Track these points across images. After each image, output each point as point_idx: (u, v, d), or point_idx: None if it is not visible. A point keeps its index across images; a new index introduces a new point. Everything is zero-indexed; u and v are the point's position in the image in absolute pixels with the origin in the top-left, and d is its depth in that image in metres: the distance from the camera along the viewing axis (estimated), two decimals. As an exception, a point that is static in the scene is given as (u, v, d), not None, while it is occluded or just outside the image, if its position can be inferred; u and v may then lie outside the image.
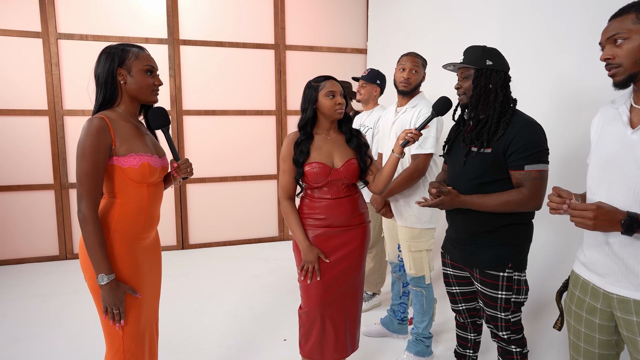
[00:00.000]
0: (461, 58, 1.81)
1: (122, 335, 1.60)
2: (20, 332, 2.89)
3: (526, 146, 1.63)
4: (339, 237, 1.97)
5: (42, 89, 4.15)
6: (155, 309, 1.78)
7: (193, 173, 1.67)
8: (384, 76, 3.10)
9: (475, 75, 1.74)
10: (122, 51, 1.58)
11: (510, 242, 1.73)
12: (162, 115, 1.63)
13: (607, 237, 1.30)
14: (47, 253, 4.34)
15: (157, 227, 1.74)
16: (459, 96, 1.83)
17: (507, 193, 1.66)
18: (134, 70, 1.57)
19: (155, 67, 1.62)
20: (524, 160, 1.64)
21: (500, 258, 1.73)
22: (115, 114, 1.57)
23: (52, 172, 4.26)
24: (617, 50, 1.26)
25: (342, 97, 1.94)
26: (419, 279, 2.48)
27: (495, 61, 1.74)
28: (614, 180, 1.29)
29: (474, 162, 1.74)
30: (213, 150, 4.73)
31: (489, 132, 1.70)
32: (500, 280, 1.74)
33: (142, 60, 1.58)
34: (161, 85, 1.64)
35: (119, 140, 1.53)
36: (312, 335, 2.02)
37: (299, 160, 1.94)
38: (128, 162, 1.54)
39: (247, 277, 3.91)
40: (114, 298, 1.51)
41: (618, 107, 1.35)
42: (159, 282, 1.79)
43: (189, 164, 1.67)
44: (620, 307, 1.29)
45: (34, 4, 4.04)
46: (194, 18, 4.53)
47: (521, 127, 1.66)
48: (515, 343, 1.81)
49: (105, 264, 1.49)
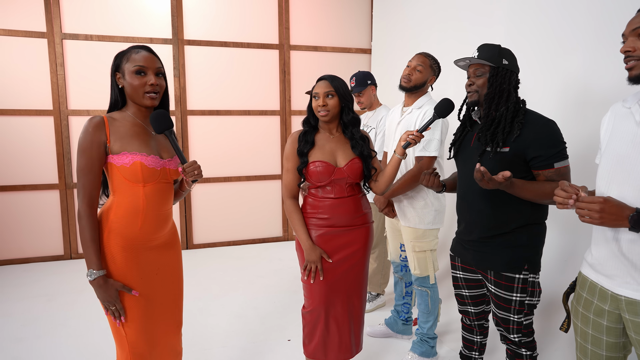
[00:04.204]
0: (473, 54, 1.76)
1: (124, 335, 1.59)
2: (25, 331, 2.90)
3: (551, 145, 1.62)
4: (342, 236, 1.97)
5: (47, 89, 4.17)
6: (173, 312, 1.75)
7: (202, 175, 1.60)
8: (369, 73, 3.10)
9: (491, 73, 1.71)
10: (121, 55, 1.57)
11: (527, 244, 1.71)
12: (163, 119, 1.57)
13: (616, 234, 1.28)
14: (52, 253, 4.36)
15: (167, 230, 1.70)
16: (469, 93, 1.78)
17: (547, 184, 1.62)
18: (126, 73, 1.56)
19: (148, 67, 1.55)
20: (552, 159, 1.62)
21: (517, 260, 1.70)
22: (120, 115, 1.59)
23: (57, 172, 4.28)
24: (639, 43, 1.23)
25: (326, 99, 1.91)
26: (424, 279, 2.47)
27: (510, 61, 1.73)
28: (624, 180, 1.27)
29: (491, 162, 1.70)
30: (217, 150, 4.74)
31: (504, 132, 1.67)
32: (515, 283, 1.71)
33: (132, 61, 1.54)
34: (155, 85, 1.56)
35: (114, 138, 1.54)
36: (315, 335, 2.01)
37: (304, 151, 1.93)
38: (121, 160, 1.54)
39: (251, 278, 3.91)
40: (104, 294, 1.53)
41: (630, 106, 1.32)
42: (175, 284, 1.76)
43: (196, 167, 1.58)
44: (628, 309, 1.27)
45: (39, 5, 4.05)
46: (199, 18, 4.54)
47: (540, 127, 1.64)
48: (525, 346, 1.78)
49: (95, 260, 1.51)
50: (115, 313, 1.56)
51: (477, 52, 1.75)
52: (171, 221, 1.75)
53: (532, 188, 1.63)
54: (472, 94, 1.76)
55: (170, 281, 1.73)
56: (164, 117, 1.57)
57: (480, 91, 1.74)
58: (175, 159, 1.69)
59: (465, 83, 1.80)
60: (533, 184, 1.64)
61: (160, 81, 1.61)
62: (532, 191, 1.62)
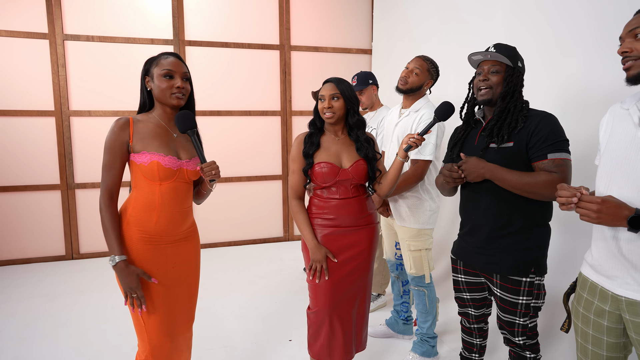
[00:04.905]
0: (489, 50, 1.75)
1: (144, 325, 1.67)
2: (27, 331, 2.91)
3: (548, 135, 1.61)
4: (348, 237, 1.98)
5: (49, 90, 4.18)
6: (187, 308, 1.82)
7: (220, 175, 1.67)
8: (370, 73, 3.10)
9: (508, 72, 1.72)
10: (151, 60, 1.70)
11: (533, 246, 1.69)
12: (187, 119, 1.66)
13: (614, 232, 1.29)
14: (53, 253, 4.37)
15: (185, 227, 1.77)
16: (481, 89, 1.75)
17: (536, 173, 1.60)
18: (155, 77, 1.67)
19: (175, 71, 1.67)
20: (546, 149, 1.60)
21: (524, 263, 1.68)
22: (146, 117, 1.71)
23: (58, 172, 4.29)
24: (636, 44, 1.24)
25: (332, 101, 1.92)
26: (420, 279, 2.48)
27: (522, 64, 1.75)
28: (623, 182, 1.27)
29: (495, 157, 1.69)
30: (218, 150, 4.74)
31: (509, 127, 1.67)
32: (522, 286, 1.69)
33: (161, 66, 1.66)
34: (181, 88, 1.68)
35: (136, 138, 1.65)
36: (320, 335, 2.02)
37: (309, 152, 1.95)
38: (140, 159, 1.64)
39: (253, 278, 3.91)
40: (126, 279, 1.59)
41: (628, 108, 1.32)
42: (191, 280, 1.83)
43: (214, 167, 1.64)
44: (628, 309, 1.28)
45: (41, 6, 4.06)
46: (200, 19, 4.55)
47: (541, 118, 1.65)
48: (529, 349, 1.77)
49: (116, 247, 1.61)
50: (137, 301, 1.62)
51: (493, 48, 1.74)
52: (190, 219, 1.82)
53: (513, 177, 1.61)
54: (486, 91, 1.74)
55: (186, 276, 1.79)
56: (188, 117, 1.66)
57: (495, 89, 1.73)
58: (194, 160, 1.75)
59: (478, 78, 1.77)
60: (515, 172, 1.62)
61: (186, 85, 1.72)
62: (513, 180, 1.61)
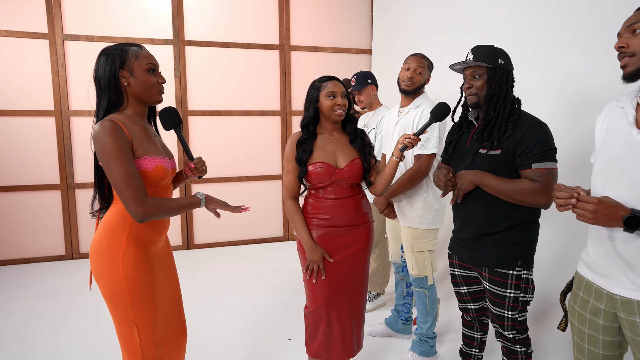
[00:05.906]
0: (467, 57, 1.78)
1: (138, 342, 1.55)
2: (27, 331, 2.92)
3: (534, 145, 1.63)
4: (343, 236, 1.98)
5: (49, 90, 4.19)
6: (177, 313, 1.75)
7: (207, 171, 1.68)
8: (370, 73, 3.11)
9: (489, 74, 1.73)
10: (121, 52, 1.50)
11: (520, 241, 1.74)
12: (174, 116, 1.61)
13: (610, 232, 1.29)
14: (53, 253, 4.38)
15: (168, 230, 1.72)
16: (468, 96, 1.80)
17: (520, 181, 1.65)
18: (136, 71, 1.51)
19: (157, 65, 1.57)
20: (531, 159, 1.63)
21: (510, 256, 1.74)
22: (124, 117, 1.50)
23: (58, 172, 4.30)
24: (633, 39, 1.24)
25: (343, 98, 1.94)
26: (422, 280, 2.48)
27: (505, 60, 1.75)
28: (619, 180, 1.27)
29: (482, 163, 1.73)
30: (218, 150, 4.75)
31: (499, 132, 1.69)
32: (509, 279, 1.75)
33: (142, 59, 1.52)
34: (164, 83, 1.59)
35: (135, 142, 1.48)
36: (318, 334, 2.03)
37: (302, 159, 1.95)
38: (143, 165, 1.49)
39: (252, 277, 3.92)
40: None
41: (624, 106, 1.32)
42: (176, 285, 1.76)
43: (204, 162, 1.66)
44: (623, 308, 1.28)
45: (41, 6, 4.07)
46: (200, 19, 4.55)
47: (529, 126, 1.66)
48: (520, 343, 1.82)
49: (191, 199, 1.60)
50: (244, 210, 1.61)
51: (471, 54, 1.77)
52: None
53: (499, 184, 1.65)
54: (472, 97, 1.78)
55: (172, 283, 1.74)
56: (174, 115, 1.60)
57: (480, 93, 1.76)
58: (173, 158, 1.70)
59: (463, 86, 1.82)
60: (500, 179, 1.66)
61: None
62: (498, 187, 1.65)
